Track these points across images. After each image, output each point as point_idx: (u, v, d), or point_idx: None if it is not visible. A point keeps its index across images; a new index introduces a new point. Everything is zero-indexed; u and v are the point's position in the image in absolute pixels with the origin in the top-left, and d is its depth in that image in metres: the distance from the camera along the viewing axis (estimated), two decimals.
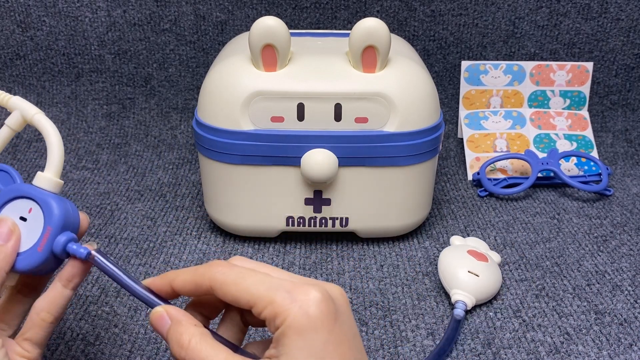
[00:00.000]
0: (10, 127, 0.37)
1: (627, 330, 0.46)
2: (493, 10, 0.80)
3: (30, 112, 0.36)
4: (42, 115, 0.37)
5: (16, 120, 0.37)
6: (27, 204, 0.35)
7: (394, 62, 0.52)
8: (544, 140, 0.74)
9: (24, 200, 0.35)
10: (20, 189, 0.35)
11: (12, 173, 0.37)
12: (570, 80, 0.77)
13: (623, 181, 0.70)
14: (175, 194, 0.66)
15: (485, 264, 0.49)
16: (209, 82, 0.53)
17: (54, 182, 0.35)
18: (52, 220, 0.34)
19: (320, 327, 0.27)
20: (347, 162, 0.52)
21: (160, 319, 0.31)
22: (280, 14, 0.80)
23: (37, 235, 0.34)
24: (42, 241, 0.33)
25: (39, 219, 0.34)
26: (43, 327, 0.34)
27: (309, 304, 0.27)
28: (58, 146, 0.36)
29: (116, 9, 0.79)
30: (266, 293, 0.28)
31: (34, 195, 0.34)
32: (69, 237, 0.34)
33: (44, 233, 0.33)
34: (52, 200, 0.34)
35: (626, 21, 0.80)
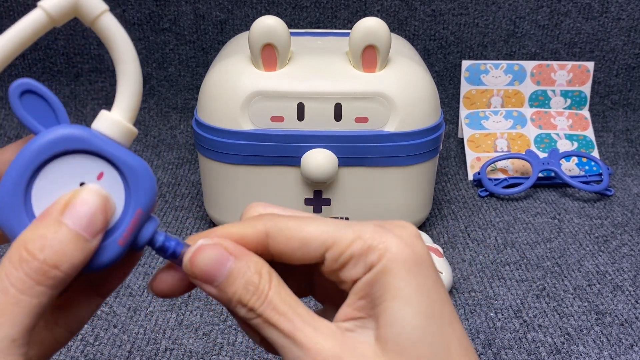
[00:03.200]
0: (49, 13, 0.21)
1: (627, 330, 0.46)
2: (494, 9, 0.79)
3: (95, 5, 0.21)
4: (111, 16, 0.22)
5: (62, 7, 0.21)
6: (95, 165, 0.22)
7: (394, 62, 0.52)
8: (544, 140, 0.74)
9: (87, 158, 0.22)
10: (82, 138, 0.22)
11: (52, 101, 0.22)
12: (571, 80, 0.77)
13: (624, 181, 0.70)
14: (174, 194, 0.66)
15: (443, 260, 0.50)
16: (209, 81, 0.53)
17: (127, 131, 0.23)
18: (142, 197, 0.22)
19: (429, 264, 0.22)
20: (347, 162, 0.52)
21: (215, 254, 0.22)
22: (280, 13, 0.80)
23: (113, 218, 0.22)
24: (126, 231, 0.22)
25: (118, 193, 0.22)
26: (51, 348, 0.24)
27: (411, 236, 0.22)
28: (134, 70, 0.23)
29: (115, 8, 0.79)
30: (351, 231, 0.22)
31: (107, 152, 0.22)
32: (156, 224, 0.23)
33: (131, 218, 0.22)
34: (139, 164, 0.22)
35: (627, 21, 0.79)
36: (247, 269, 0.22)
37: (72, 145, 0.22)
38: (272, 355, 0.43)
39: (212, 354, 0.43)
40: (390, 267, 0.21)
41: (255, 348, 0.44)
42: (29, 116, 0.22)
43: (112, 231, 0.22)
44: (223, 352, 0.43)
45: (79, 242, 0.20)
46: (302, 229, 0.22)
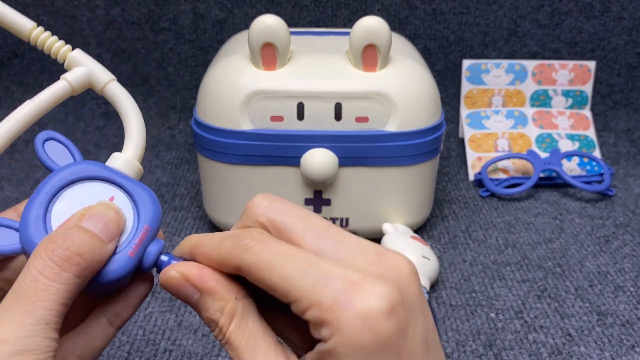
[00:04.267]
0: (71, 85, 0.28)
1: (629, 331, 0.46)
2: (495, 8, 0.79)
3: (102, 78, 0.28)
4: (117, 85, 0.28)
5: (81, 80, 0.28)
6: (107, 191, 0.25)
7: (394, 61, 0.52)
8: (546, 140, 0.73)
9: (101, 185, 0.25)
10: (96, 170, 0.25)
11: (71, 147, 0.26)
12: (573, 79, 0.76)
13: (625, 181, 0.70)
14: (174, 194, 0.66)
15: (429, 248, 0.52)
16: (208, 81, 0.52)
17: (136, 168, 0.27)
18: (150, 217, 0.25)
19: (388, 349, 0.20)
20: (347, 162, 0.51)
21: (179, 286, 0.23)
22: (280, 12, 0.79)
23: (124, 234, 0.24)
24: (135, 244, 0.24)
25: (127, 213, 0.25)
26: None
27: (371, 313, 0.19)
28: (138, 122, 0.28)
29: (114, 7, 0.79)
30: (312, 288, 0.20)
31: (118, 180, 0.25)
32: (161, 246, 0.25)
33: (140, 232, 0.24)
34: (146, 191, 0.25)
35: (628, 20, 0.79)
36: (210, 306, 0.22)
37: (86, 173, 0.25)
38: None
39: (211, 355, 0.43)
40: (338, 351, 0.19)
41: None
42: (49, 158, 0.26)
43: (123, 246, 0.24)
44: (222, 353, 0.43)
45: (97, 241, 0.22)
46: (274, 272, 0.21)
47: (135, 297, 0.25)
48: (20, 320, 0.20)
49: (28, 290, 0.20)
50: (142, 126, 0.28)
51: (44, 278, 0.21)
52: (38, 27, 0.29)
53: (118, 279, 0.24)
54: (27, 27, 0.28)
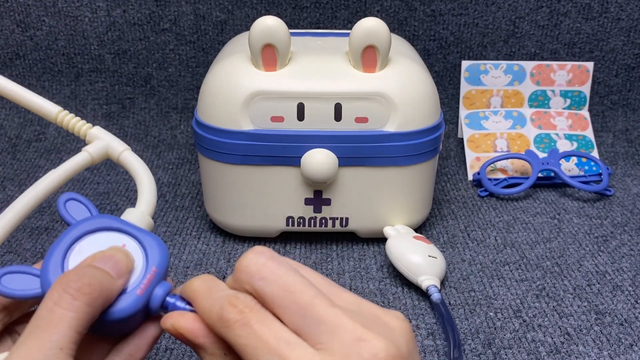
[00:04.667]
0: (91, 155, 0.33)
1: (627, 330, 0.46)
2: (493, 9, 0.79)
3: (117, 148, 0.33)
4: (130, 153, 0.33)
5: (99, 151, 0.33)
6: (120, 239, 0.28)
7: (394, 62, 0.52)
8: (544, 140, 0.74)
9: (114, 234, 0.28)
10: (110, 222, 0.28)
11: (87, 204, 0.30)
12: (571, 80, 0.77)
13: (623, 181, 0.70)
14: (175, 194, 0.66)
15: (433, 246, 0.52)
16: (209, 82, 0.53)
17: (148, 222, 0.30)
18: (157, 260, 0.27)
19: None
20: (347, 162, 0.52)
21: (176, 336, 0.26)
22: (280, 13, 0.80)
23: (134, 276, 0.27)
24: (143, 284, 0.26)
25: (138, 258, 0.28)
26: None
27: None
28: (150, 184, 0.32)
29: (116, 8, 0.79)
30: None
31: (129, 230, 0.28)
32: (168, 288, 0.27)
33: (148, 273, 0.27)
34: (154, 238, 0.28)
35: (627, 21, 0.79)
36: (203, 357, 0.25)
37: (101, 225, 0.28)
38: None
39: None
40: None
41: None
42: (68, 214, 0.29)
43: (132, 286, 0.27)
44: None
45: (106, 276, 0.25)
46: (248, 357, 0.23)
47: (146, 338, 0.27)
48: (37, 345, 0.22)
49: (44, 319, 0.23)
50: (153, 185, 0.32)
51: (59, 308, 0.23)
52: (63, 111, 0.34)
53: (128, 316, 0.26)
54: (54, 111, 0.34)
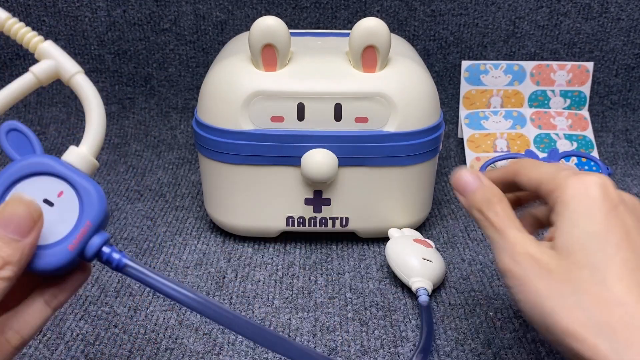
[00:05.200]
0: (37, 77, 0.29)
1: None
2: (493, 10, 0.80)
3: (68, 69, 0.29)
4: (83, 77, 0.29)
5: (47, 72, 0.29)
6: (57, 185, 0.27)
7: (394, 62, 0.52)
8: (544, 140, 0.74)
9: (51, 179, 0.27)
10: (48, 164, 0.27)
11: (31, 137, 0.28)
12: (571, 80, 0.77)
13: (623, 181, 0.70)
14: (175, 194, 0.66)
15: (432, 250, 0.51)
16: (209, 82, 0.53)
17: (90, 163, 0.28)
18: (93, 213, 0.27)
19: (601, 202, 0.29)
20: (347, 162, 0.52)
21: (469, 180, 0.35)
22: (280, 13, 0.80)
23: (67, 228, 0.27)
24: (75, 238, 0.27)
25: (73, 208, 0.27)
26: (5, 351, 0.27)
27: (588, 182, 0.30)
28: (99, 116, 0.29)
29: (116, 8, 0.79)
30: (552, 172, 0.32)
31: (68, 176, 0.27)
32: (105, 238, 0.28)
33: (81, 227, 0.27)
34: (93, 187, 0.27)
35: (627, 21, 0.79)
36: (486, 192, 0.34)
37: (39, 168, 0.27)
38: (272, 355, 0.43)
39: (212, 353, 0.43)
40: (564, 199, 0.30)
41: (255, 348, 0.44)
42: (11, 148, 0.28)
43: (64, 239, 0.27)
44: (223, 351, 0.44)
45: (11, 244, 0.25)
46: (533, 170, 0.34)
47: (72, 283, 0.28)
48: None
49: None
50: (102, 121, 0.29)
51: None
52: (12, 18, 0.30)
53: (56, 269, 0.27)
54: (2, 17, 0.30)
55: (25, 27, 0.30)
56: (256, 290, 0.51)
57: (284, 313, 0.48)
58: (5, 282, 0.25)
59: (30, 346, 0.43)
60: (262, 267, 0.54)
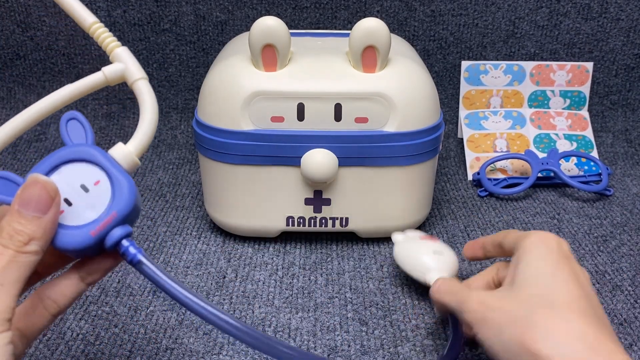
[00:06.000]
0: (106, 77, 0.32)
1: (627, 330, 0.46)
2: (493, 10, 0.80)
3: (134, 74, 0.32)
4: (145, 83, 0.32)
5: (116, 74, 0.32)
6: (96, 174, 0.29)
7: (394, 62, 0.52)
8: (544, 140, 0.74)
9: (92, 168, 0.30)
10: (92, 153, 0.30)
11: (86, 128, 0.31)
12: (570, 80, 0.77)
13: (623, 181, 0.70)
14: (175, 194, 0.66)
15: (440, 243, 0.50)
16: (209, 82, 0.53)
17: (132, 162, 0.31)
18: (121, 205, 0.29)
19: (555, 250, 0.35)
20: (347, 162, 0.52)
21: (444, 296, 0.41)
22: (280, 14, 0.80)
23: (94, 214, 0.29)
24: (99, 225, 0.29)
25: (104, 198, 0.29)
26: (43, 317, 0.30)
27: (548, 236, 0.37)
28: (151, 121, 0.32)
29: (116, 9, 0.79)
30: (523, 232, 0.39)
31: (107, 167, 0.29)
32: (126, 232, 0.29)
33: (106, 217, 0.29)
34: (127, 182, 0.29)
35: (626, 21, 0.80)
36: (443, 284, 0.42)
37: (83, 156, 0.29)
38: None
39: (212, 353, 0.43)
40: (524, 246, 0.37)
41: None
42: (67, 134, 0.30)
43: (89, 224, 0.29)
44: (223, 351, 0.44)
45: (34, 221, 0.27)
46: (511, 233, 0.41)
47: (102, 266, 0.31)
48: None
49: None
50: (153, 125, 0.32)
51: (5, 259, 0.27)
52: (98, 23, 0.33)
53: (74, 250, 0.29)
54: (89, 21, 0.33)
55: (108, 32, 0.33)
56: (256, 290, 0.51)
57: (284, 313, 0.48)
58: (33, 256, 0.27)
59: (31, 346, 0.44)
60: (262, 267, 0.54)
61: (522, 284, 0.34)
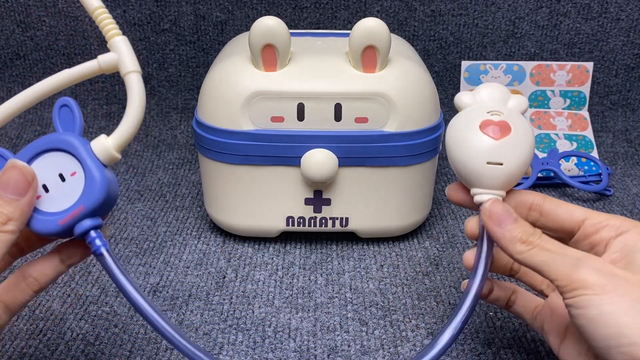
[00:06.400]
0: (100, 65, 0.32)
1: None
2: (493, 10, 0.80)
3: (127, 66, 0.32)
4: (137, 77, 0.32)
5: (109, 63, 0.32)
6: (74, 165, 0.31)
7: (394, 62, 0.52)
8: (544, 140, 0.74)
9: (73, 160, 0.31)
10: (72, 144, 0.31)
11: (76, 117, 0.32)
12: (571, 80, 0.77)
13: (623, 181, 0.70)
14: (175, 194, 0.66)
15: (508, 138, 0.35)
16: (209, 82, 0.53)
17: (110, 155, 0.31)
18: (89, 200, 0.30)
19: None
20: (347, 162, 0.52)
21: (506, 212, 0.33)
22: (280, 13, 0.80)
23: (66, 204, 0.30)
24: (66, 217, 0.30)
25: (77, 189, 0.31)
26: (25, 293, 0.32)
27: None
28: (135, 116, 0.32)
29: (116, 8, 0.79)
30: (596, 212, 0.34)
31: (84, 160, 0.31)
32: (95, 224, 0.31)
33: (74, 209, 0.30)
34: (100, 178, 0.30)
35: (626, 21, 0.80)
36: (525, 223, 0.33)
37: (64, 146, 0.31)
38: (273, 355, 0.43)
39: (212, 353, 0.43)
40: None
41: (255, 348, 0.44)
42: (58, 121, 0.32)
43: (59, 213, 0.31)
44: (223, 351, 0.44)
45: (12, 202, 0.30)
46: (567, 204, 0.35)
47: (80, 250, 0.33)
48: None
49: None
50: (136, 120, 0.32)
51: None
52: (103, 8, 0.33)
53: (45, 234, 0.31)
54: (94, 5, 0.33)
55: (111, 19, 0.33)
56: (256, 290, 0.51)
57: (284, 313, 0.48)
58: (10, 235, 0.30)
59: (31, 346, 0.44)
60: (262, 267, 0.54)
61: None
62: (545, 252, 0.31)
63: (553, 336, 0.37)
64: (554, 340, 0.37)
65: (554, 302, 0.37)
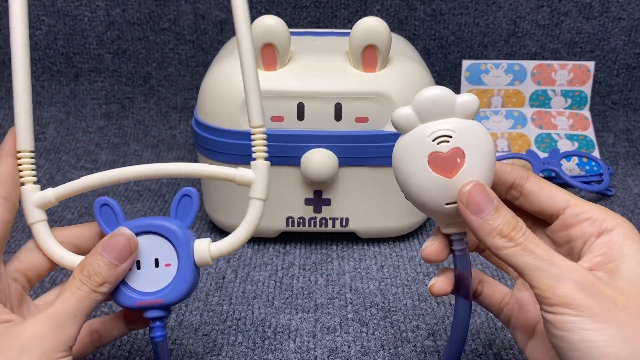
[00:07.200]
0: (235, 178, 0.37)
1: None
2: (494, 9, 0.79)
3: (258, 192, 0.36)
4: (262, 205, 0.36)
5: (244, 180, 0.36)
6: (171, 258, 0.33)
7: (394, 62, 0.52)
8: (545, 140, 0.74)
9: (173, 251, 0.33)
10: (180, 244, 0.33)
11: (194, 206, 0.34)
12: (572, 79, 0.76)
13: (624, 181, 0.70)
14: (174, 194, 0.66)
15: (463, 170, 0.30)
16: (209, 81, 0.53)
17: (206, 261, 0.34)
18: (170, 297, 0.33)
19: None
20: (347, 162, 0.52)
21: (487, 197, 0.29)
22: (280, 13, 0.79)
23: (150, 288, 0.33)
24: (145, 301, 0.33)
25: (164, 280, 0.33)
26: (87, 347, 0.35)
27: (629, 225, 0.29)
28: (244, 235, 0.35)
29: (115, 8, 0.79)
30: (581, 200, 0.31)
31: (182, 261, 0.33)
32: (163, 315, 0.34)
33: (154, 297, 0.33)
34: (188, 282, 0.33)
35: (628, 20, 0.79)
36: (507, 212, 0.29)
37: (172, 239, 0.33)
38: (273, 356, 0.43)
39: (211, 354, 0.43)
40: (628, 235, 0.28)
41: (255, 348, 0.44)
42: (176, 208, 0.34)
43: (140, 294, 0.33)
44: (223, 352, 0.43)
45: (111, 267, 0.31)
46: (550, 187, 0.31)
47: (143, 324, 0.36)
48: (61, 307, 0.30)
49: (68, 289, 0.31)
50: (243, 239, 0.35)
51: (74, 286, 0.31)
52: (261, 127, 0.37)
53: (121, 305, 0.33)
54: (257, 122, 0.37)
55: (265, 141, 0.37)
56: (256, 290, 0.50)
57: (284, 313, 0.47)
58: (102, 296, 0.31)
59: None
60: (262, 267, 0.53)
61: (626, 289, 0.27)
62: (529, 255, 0.28)
63: (520, 333, 0.35)
64: (521, 336, 0.35)
65: (522, 296, 0.35)
